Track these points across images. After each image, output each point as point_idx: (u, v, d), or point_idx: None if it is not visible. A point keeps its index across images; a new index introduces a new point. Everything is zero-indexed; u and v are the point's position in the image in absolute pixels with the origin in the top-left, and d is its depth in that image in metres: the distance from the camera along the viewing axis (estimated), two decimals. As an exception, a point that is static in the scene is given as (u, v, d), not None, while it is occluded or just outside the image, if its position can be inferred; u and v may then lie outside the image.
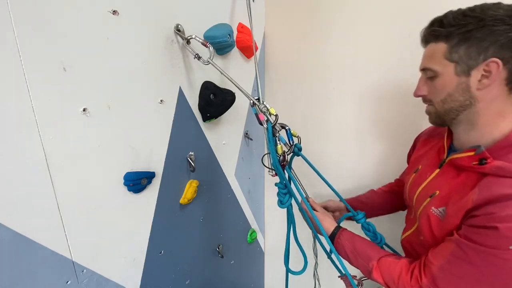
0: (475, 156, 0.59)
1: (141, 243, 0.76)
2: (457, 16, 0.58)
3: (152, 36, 0.69)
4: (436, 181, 0.69)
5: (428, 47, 0.64)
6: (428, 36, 0.64)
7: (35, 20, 0.47)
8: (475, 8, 0.57)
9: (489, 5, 0.56)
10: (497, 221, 0.52)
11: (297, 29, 1.18)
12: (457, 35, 0.57)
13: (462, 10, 0.58)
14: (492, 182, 0.56)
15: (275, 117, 0.71)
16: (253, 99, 0.73)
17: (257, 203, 1.42)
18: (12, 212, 0.48)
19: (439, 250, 0.61)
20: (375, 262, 0.68)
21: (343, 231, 0.78)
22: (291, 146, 0.74)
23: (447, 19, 0.59)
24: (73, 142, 0.56)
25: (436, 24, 0.62)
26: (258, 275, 1.57)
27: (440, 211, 0.64)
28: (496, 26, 0.54)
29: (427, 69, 0.64)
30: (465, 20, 0.56)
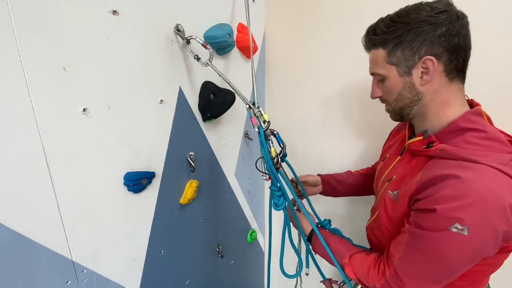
0: (424, 140, 0.64)
1: (141, 243, 0.76)
2: (387, 23, 0.63)
3: (152, 36, 0.69)
4: (396, 166, 0.74)
5: (371, 54, 0.70)
6: (367, 43, 0.69)
7: (35, 20, 0.47)
8: (401, 13, 0.63)
9: (412, 8, 0.61)
10: (435, 202, 0.54)
11: (297, 29, 1.18)
12: (391, 40, 0.63)
13: (390, 16, 0.64)
14: (434, 164, 0.60)
15: (267, 123, 0.73)
16: (249, 102, 0.74)
17: (257, 203, 1.42)
18: (12, 212, 0.48)
19: (398, 242, 0.63)
20: (347, 259, 0.72)
21: (320, 229, 0.82)
22: (282, 148, 0.75)
23: (379, 27, 0.65)
24: (73, 142, 0.56)
25: (371, 32, 0.67)
26: (258, 275, 1.57)
27: (395, 194, 0.68)
28: (421, 28, 0.59)
29: (374, 73, 0.70)
30: (394, 26, 0.62)
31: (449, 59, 0.60)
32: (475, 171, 0.54)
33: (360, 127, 1.17)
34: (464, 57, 0.61)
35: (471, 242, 0.53)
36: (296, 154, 1.32)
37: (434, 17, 0.58)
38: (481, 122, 0.60)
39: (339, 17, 1.09)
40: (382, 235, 0.74)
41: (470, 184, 0.52)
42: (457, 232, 0.52)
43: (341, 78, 1.14)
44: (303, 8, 1.15)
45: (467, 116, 0.61)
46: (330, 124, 1.23)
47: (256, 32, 1.14)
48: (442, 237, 0.54)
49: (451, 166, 0.56)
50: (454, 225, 0.52)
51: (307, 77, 1.22)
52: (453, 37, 0.58)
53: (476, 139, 0.58)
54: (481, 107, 0.64)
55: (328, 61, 1.15)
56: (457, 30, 0.58)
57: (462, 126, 0.60)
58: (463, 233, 0.52)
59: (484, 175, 0.53)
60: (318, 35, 1.14)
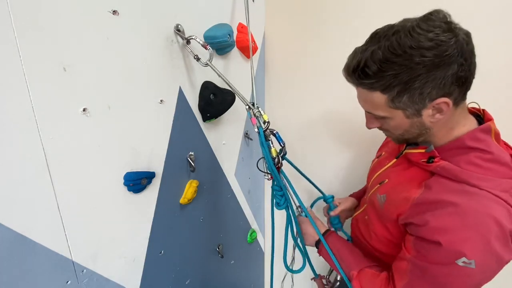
0: (425, 153, 0.61)
1: (141, 243, 0.76)
2: (382, 64, 0.52)
3: (152, 36, 0.69)
4: (390, 170, 0.73)
5: (362, 92, 0.60)
6: (357, 83, 0.60)
7: (35, 20, 0.47)
8: (396, 50, 0.51)
9: (410, 43, 0.50)
10: (437, 234, 0.53)
11: (297, 29, 1.18)
12: (394, 87, 0.54)
13: (382, 56, 0.52)
14: (435, 184, 0.58)
15: (266, 123, 0.72)
16: (249, 103, 0.74)
17: (257, 203, 1.42)
18: (12, 212, 0.48)
19: (401, 270, 0.62)
20: (356, 272, 0.70)
21: (330, 234, 0.81)
22: (282, 147, 0.75)
23: (370, 68, 0.54)
24: (73, 142, 0.56)
25: (359, 73, 0.56)
26: (258, 275, 1.57)
27: (382, 197, 0.68)
28: (431, 73, 0.51)
29: (372, 114, 0.63)
30: (393, 69, 0.52)
31: (459, 92, 0.54)
32: (477, 198, 0.52)
33: (360, 127, 1.17)
34: (472, 79, 0.55)
35: (479, 274, 0.52)
36: (296, 154, 1.32)
37: (443, 57, 0.49)
38: (488, 141, 0.57)
39: (339, 17, 1.09)
40: (366, 229, 0.75)
41: (471, 214, 0.51)
42: (465, 266, 0.50)
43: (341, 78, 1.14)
44: (303, 8, 1.15)
45: (475, 134, 0.57)
46: (330, 123, 1.23)
47: (256, 32, 1.14)
48: (449, 271, 0.53)
49: (451, 191, 0.54)
50: (461, 259, 0.50)
51: (307, 77, 1.22)
52: (465, 70, 0.52)
53: (479, 161, 0.55)
54: (493, 123, 0.59)
55: (328, 61, 1.15)
56: (468, 61, 0.52)
57: (468, 144, 0.57)
58: (471, 267, 0.50)
59: (486, 204, 0.51)
60: (318, 35, 1.14)
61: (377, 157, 0.84)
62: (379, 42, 0.53)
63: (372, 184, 0.77)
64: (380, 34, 0.54)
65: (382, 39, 0.53)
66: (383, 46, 0.52)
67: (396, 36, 0.52)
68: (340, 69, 1.18)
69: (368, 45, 0.56)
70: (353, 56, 0.58)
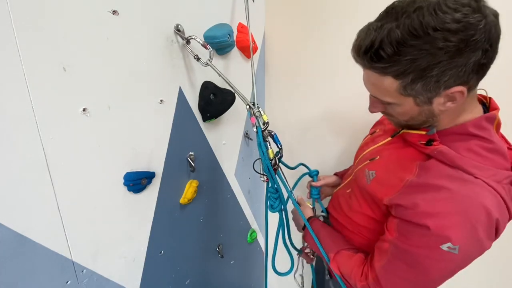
0: (425, 136, 0.59)
1: (141, 243, 0.76)
2: (399, 47, 0.47)
3: (152, 36, 0.69)
4: (383, 147, 0.71)
5: (371, 75, 0.55)
6: (367, 66, 0.54)
7: (35, 20, 0.47)
8: (417, 32, 0.45)
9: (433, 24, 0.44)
10: (426, 217, 0.52)
11: (297, 29, 1.18)
12: (409, 73, 0.49)
13: (401, 37, 0.46)
14: (431, 167, 0.56)
15: (266, 124, 0.72)
16: (249, 103, 0.73)
17: (257, 203, 1.42)
18: (12, 212, 0.48)
19: (381, 250, 0.62)
20: (333, 254, 0.72)
21: (314, 220, 0.83)
22: (280, 149, 0.75)
23: (386, 52, 0.48)
24: (73, 142, 0.56)
25: (372, 55, 0.50)
26: (258, 275, 1.57)
27: (370, 173, 0.67)
28: (453, 60, 0.45)
29: (378, 99, 0.59)
30: (412, 54, 0.46)
31: (476, 80, 0.50)
32: (470, 186, 0.51)
33: (360, 127, 1.17)
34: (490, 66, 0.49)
35: (460, 260, 0.52)
36: (295, 154, 1.32)
37: (470, 42, 0.44)
38: (490, 130, 0.55)
39: (339, 16, 1.09)
40: (347, 204, 0.76)
41: (464, 201, 0.51)
42: (448, 251, 0.50)
43: (341, 77, 1.14)
44: (303, 8, 1.15)
45: (480, 122, 0.55)
46: (330, 123, 1.23)
47: (256, 32, 1.14)
48: (431, 255, 0.53)
49: (446, 176, 0.54)
50: (446, 244, 0.50)
51: (307, 77, 1.22)
52: (488, 57, 0.47)
53: (479, 149, 0.54)
54: (498, 112, 0.57)
55: (328, 60, 1.15)
56: (493, 46, 0.46)
57: (470, 131, 0.55)
58: (454, 252, 0.50)
59: (478, 192, 0.51)
60: (318, 35, 1.14)
61: (370, 134, 0.82)
62: (397, 20, 0.47)
63: (361, 159, 0.76)
64: (398, 10, 0.48)
65: (401, 15, 0.46)
66: (402, 25, 0.46)
67: (418, 13, 0.45)
68: (340, 68, 1.18)
69: (384, 21, 0.49)
70: (365, 34, 0.51)
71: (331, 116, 1.22)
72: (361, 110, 1.15)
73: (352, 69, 1.14)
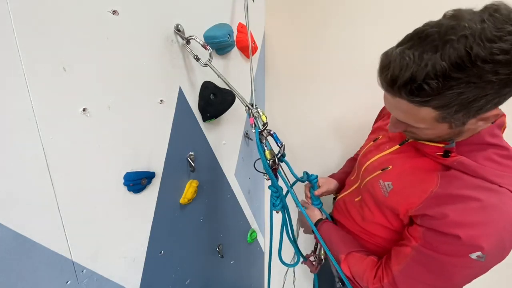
0: (442, 148, 0.58)
1: (141, 243, 0.76)
2: (446, 81, 0.43)
3: (152, 36, 0.69)
4: (393, 156, 0.69)
5: (404, 105, 0.50)
6: (405, 98, 0.49)
7: (35, 20, 0.47)
8: (465, 65, 0.41)
9: (482, 56, 0.40)
10: (457, 227, 0.52)
11: (297, 29, 1.18)
12: (453, 106, 0.46)
13: (448, 70, 0.42)
14: (454, 178, 0.56)
15: (265, 124, 0.71)
16: (248, 103, 0.73)
17: (257, 203, 1.42)
18: (12, 212, 0.48)
19: (401, 253, 0.62)
20: (344, 255, 0.72)
21: (324, 222, 0.83)
22: (280, 147, 0.75)
23: (430, 86, 0.44)
24: (73, 142, 0.56)
25: (412, 89, 0.46)
26: (258, 275, 1.57)
27: (386, 185, 0.65)
28: (502, 90, 0.43)
29: (406, 123, 0.56)
30: (459, 87, 0.43)
31: None
32: (498, 196, 0.51)
33: (360, 127, 1.17)
34: None
35: (484, 267, 0.52)
36: (295, 154, 1.32)
37: None
38: (501, 136, 0.56)
39: (339, 17, 1.09)
40: (358, 213, 0.75)
41: (494, 211, 0.51)
42: (477, 259, 0.50)
43: (341, 77, 1.14)
44: (303, 8, 1.15)
45: (493, 130, 0.56)
46: (329, 123, 1.23)
47: (256, 32, 1.14)
48: (458, 262, 0.53)
49: (472, 186, 0.53)
50: (476, 253, 0.50)
51: (306, 77, 1.22)
52: None
53: (497, 157, 0.54)
54: (505, 118, 0.57)
55: (328, 60, 1.15)
56: None
57: (487, 140, 0.55)
58: (481, 260, 0.50)
59: (507, 202, 0.51)
60: (318, 35, 1.14)
61: (372, 140, 0.80)
62: (438, 49, 0.43)
63: (368, 168, 0.74)
64: (436, 37, 0.44)
65: (443, 44, 0.43)
66: (447, 56, 0.42)
67: (464, 43, 0.41)
68: (340, 68, 1.18)
69: (419, 49, 0.45)
70: (400, 64, 0.46)
71: (331, 116, 1.22)
72: (361, 109, 1.16)
73: (351, 68, 1.14)
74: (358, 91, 1.12)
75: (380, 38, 1.03)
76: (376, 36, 1.04)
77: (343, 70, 1.13)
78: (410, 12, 0.96)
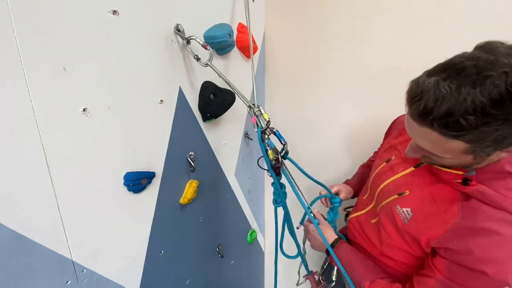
0: (461, 175, 0.56)
1: (141, 243, 0.76)
2: (484, 118, 0.42)
3: (152, 36, 0.69)
4: (408, 180, 0.68)
5: (432, 136, 0.49)
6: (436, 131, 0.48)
7: (35, 20, 0.47)
8: (504, 101, 0.40)
9: None
10: (483, 264, 0.52)
11: (297, 29, 1.18)
12: (486, 141, 0.45)
13: (488, 107, 0.41)
14: (475, 210, 0.55)
15: (267, 122, 0.70)
16: (249, 102, 0.73)
17: (257, 203, 1.42)
18: (12, 212, 0.48)
19: (425, 284, 0.61)
20: (368, 283, 0.69)
21: (342, 244, 0.79)
22: (284, 145, 0.74)
23: (467, 121, 0.43)
24: (73, 142, 0.56)
25: (447, 123, 0.45)
26: (258, 275, 1.57)
27: (405, 211, 0.64)
28: None
29: (430, 152, 0.54)
30: (496, 124, 0.42)
31: None
32: None
33: (360, 126, 1.17)
34: None
35: None
36: (296, 154, 1.31)
37: None
38: None
39: (339, 16, 1.09)
40: (376, 236, 0.72)
41: None
42: None
43: (341, 77, 1.14)
44: (303, 8, 1.15)
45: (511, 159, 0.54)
46: (330, 123, 1.23)
47: (256, 32, 1.14)
48: None
49: (495, 219, 0.52)
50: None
51: (306, 77, 1.22)
52: None
53: None
54: None
55: (328, 60, 1.15)
56: None
57: (506, 169, 0.54)
58: None
59: None
60: (318, 34, 1.14)
61: (385, 161, 0.77)
62: (476, 85, 0.42)
63: (384, 190, 0.72)
64: (473, 71, 0.42)
65: (482, 80, 0.41)
66: (488, 93, 0.41)
67: (505, 80, 0.40)
68: (340, 68, 1.18)
69: (455, 82, 0.43)
70: (435, 96, 0.44)
71: (332, 116, 1.22)
72: (361, 110, 1.16)
73: (352, 68, 1.15)
74: (358, 91, 1.12)
75: (380, 37, 1.04)
76: (377, 36, 1.04)
77: (343, 70, 1.13)
78: (410, 12, 0.96)
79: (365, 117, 1.14)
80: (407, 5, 0.97)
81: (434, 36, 0.94)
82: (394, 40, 1.01)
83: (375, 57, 1.05)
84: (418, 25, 0.96)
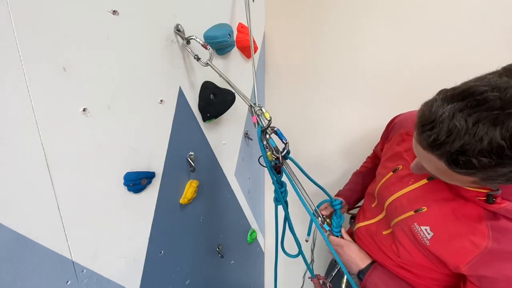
0: (483, 192, 0.52)
1: (141, 243, 0.76)
2: (498, 159, 0.38)
3: (152, 36, 0.69)
4: (423, 194, 0.62)
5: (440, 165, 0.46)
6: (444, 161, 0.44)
7: (35, 20, 0.47)
8: None
9: None
10: None
11: (297, 29, 1.18)
12: (498, 180, 0.42)
13: (502, 149, 0.38)
14: (507, 231, 0.50)
15: (268, 121, 0.69)
16: (250, 102, 0.73)
17: (257, 203, 1.42)
18: (12, 212, 0.48)
19: None
20: None
21: (376, 268, 0.73)
22: (285, 144, 0.73)
23: (480, 162, 0.39)
24: (73, 142, 0.56)
25: (458, 160, 0.41)
26: (258, 275, 1.57)
27: (424, 230, 0.60)
28: None
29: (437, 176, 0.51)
30: (509, 164, 0.39)
31: None
32: None
33: (361, 126, 1.17)
34: None
35: None
36: (297, 154, 1.31)
37: None
38: None
39: (339, 16, 1.09)
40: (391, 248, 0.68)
41: None
42: None
43: (341, 77, 1.14)
44: (303, 8, 1.15)
45: None
46: (330, 123, 1.23)
47: (256, 32, 1.14)
48: None
49: None
50: None
51: (307, 77, 1.22)
52: None
53: None
54: None
55: (328, 60, 1.15)
56: None
57: None
58: None
59: None
60: (318, 34, 1.14)
61: (392, 171, 0.71)
62: (497, 123, 0.37)
63: (396, 204, 0.67)
64: (496, 105, 0.38)
65: (504, 117, 0.37)
66: (509, 134, 0.37)
67: None
68: (340, 68, 1.18)
69: (474, 116, 0.39)
70: (448, 129, 0.41)
71: (332, 116, 1.22)
72: (361, 108, 1.16)
73: (352, 68, 1.14)
74: (358, 91, 1.12)
75: (381, 38, 1.04)
76: (377, 36, 1.04)
77: (343, 70, 1.13)
78: (412, 12, 0.96)
79: (367, 116, 1.14)
80: (408, 6, 0.97)
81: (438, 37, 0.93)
82: (394, 40, 1.01)
83: (376, 57, 1.05)
84: (419, 26, 0.96)
